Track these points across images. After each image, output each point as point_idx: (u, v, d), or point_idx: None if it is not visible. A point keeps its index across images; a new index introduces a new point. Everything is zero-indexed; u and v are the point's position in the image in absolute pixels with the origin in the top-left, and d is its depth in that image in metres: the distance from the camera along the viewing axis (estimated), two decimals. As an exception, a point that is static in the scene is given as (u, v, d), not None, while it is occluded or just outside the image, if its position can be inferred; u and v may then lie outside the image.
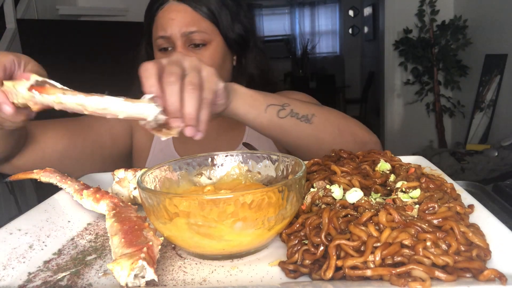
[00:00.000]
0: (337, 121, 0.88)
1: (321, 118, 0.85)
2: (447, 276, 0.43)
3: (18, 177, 0.78)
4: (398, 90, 4.54)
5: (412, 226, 0.49)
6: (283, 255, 0.54)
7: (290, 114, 0.81)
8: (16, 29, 2.80)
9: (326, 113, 0.87)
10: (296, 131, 0.83)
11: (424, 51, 4.14)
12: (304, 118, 0.83)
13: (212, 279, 0.50)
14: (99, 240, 0.63)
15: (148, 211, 0.54)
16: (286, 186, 0.52)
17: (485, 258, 0.47)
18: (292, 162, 0.62)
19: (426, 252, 0.45)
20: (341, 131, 0.87)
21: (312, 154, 0.81)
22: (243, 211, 0.50)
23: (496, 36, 3.52)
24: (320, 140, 0.85)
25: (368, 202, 0.55)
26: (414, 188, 0.57)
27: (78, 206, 0.71)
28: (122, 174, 0.76)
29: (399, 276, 0.44)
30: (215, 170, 0.68)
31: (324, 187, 0.60)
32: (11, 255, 0.56)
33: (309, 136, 0.84)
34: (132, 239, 0.51)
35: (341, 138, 0.86)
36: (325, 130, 0.85)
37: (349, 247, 0.47)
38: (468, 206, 0.59)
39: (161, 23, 1.00)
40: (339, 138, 0.86)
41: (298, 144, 0.85)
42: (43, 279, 0.52)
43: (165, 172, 0.63)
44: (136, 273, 0.46)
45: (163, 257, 0.56)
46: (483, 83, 3.67)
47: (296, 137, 0.84)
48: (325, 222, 0.51)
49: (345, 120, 0.90)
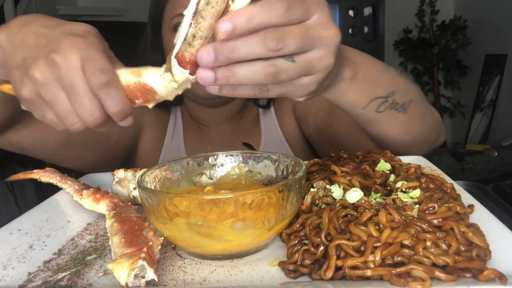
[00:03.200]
0: (423, 103, 0.79)
1: (415, 103, 0.76)
2: (447, 276, 0.43)
3: (18, 177, 0.78)
4: (398, 90, 4.53)
5: (412, 226, 0.49)
6: (283, 255, 0.54)
7: (390, 106, 0.72)
8: (16, 29, 2.80)
9: (418, 95, 0.78)
10: (389, 123, 0.75)
11: (424, 51, 4.14)
12: (402, 108, 0.74)
13: (212, 279, 0.50)
14: (99, 240, 0.63)
15: (148, 211, 0.54)
16: (286, 186, 0.52)
17: (485, 258, 0.47)
18: (292, 162, 0.62)
19: (426, 252, 0.45)
20: (426, 114, 0.80)
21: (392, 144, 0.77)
22: (243, 211, 0.50)
23: (496, 36, 3.52)
24: (408, 129, 0.77)
25: (368, 202, 0.55)
26: (414, 188, 0.57)
27: (78, 206, 0.71)
28: (122, 174, 0.76)
29: (399, 276, 0.44)
30: (215, 170, 0.68)
31: (324, 187, 0.60)
32: (11, 255, 0.56)
33: (399, 126, 0.76)
34: (132, 239, 0.51)
35: (425, 122, 0.80)
36: (415, 116, 0.77)
37: (349, 247, 0.47)
38: (468, 206, 0.59)
39: (179, 0, 0.96)
40: (424, 123, 0.79)
41: (384, 134, 0.77)
42: (43, 279, 0.52)
43: (165, 172, 0.63)
44: (136, 273, 0.46)
45: (163, 257, 0.56)
46: (483, 83, 3.67)
47: (386, 128, 0.76)
48: (325, 222, 0.51)
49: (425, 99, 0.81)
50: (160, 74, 0.48)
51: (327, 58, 0.49)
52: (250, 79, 0.46)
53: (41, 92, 0.49)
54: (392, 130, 0.76)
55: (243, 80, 0.45)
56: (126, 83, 0.49)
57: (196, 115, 1.12)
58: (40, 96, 0.50)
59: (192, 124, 1.14)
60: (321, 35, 0.47)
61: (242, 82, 0.46)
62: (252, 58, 0.44)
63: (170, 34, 0.97)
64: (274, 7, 0.43)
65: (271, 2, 0.43)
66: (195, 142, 1.12)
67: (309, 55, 0.48)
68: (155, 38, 1.04)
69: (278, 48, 0.44)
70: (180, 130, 1.12)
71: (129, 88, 0.49)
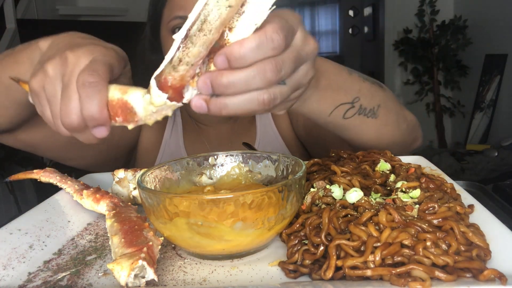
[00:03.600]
0: (394, 107, 0.80)
1: (385, 108, 0.76)
2: (447, 276, 0.43)
3: (18, 177, 0.78)
4: (398, 90, 4.54)
5: (412, 226, 0.49)
6: (283, 255, 0.54)
7: (358, 112, 0.72)
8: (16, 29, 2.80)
9: (387, 100, 0.78)
10: (359, 128, 0.76)
11: (424, 51, 4.14)
12: (371, 113, 0.74)
13: (212, 279, 0.50)
14: (99, 240, 0.63)
15: (148, 211, 0.54)
16: (286, 186, 0.52)
17: (485, 258, 0.47)
18: (292, 162, 0.62)
19: (426, 252, 0.45)
20: (398, 118, 0.80)
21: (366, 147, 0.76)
22: (243, 211, 0.50)
23: (496, 36, 3.52)
24: (381, 134, 0.78)
25: (368, 202, 0.55)
26: (414, 188, 0.57)
27: (78, 206, 0.71)
28: (122, 174, 0.76)
29: (399, 276, 0.44)
30: (215, 170, 0.68)
31: (324, 187, 0.60)
32: (11, 255, 0.56)
33: (370, 132, 0.77)
34: (132, 239, 0.51)
35: (398, 126, 0.80)
36: (387, 121, 0.77)
37: (349, 247, 0.47)
38: (468, 206, 0.59)
39: (178, 2, 0.96)
40: (397, 128, 0.79)
41: (357, 140, 0.78)
42: (43, 279, 0.52)
43: (165, 172, 0.63)
44: (136, 273, 0.46)
45: (163, 257, 0.56)
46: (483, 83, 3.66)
47: (356, 133, 0.76)
48: (325, 222, 0.51)
49: (397, 103, 0.82)
50: (143, 94, 0.47)
51: (310, 71, 0.50)
52: (243, 108, 0.46)
53: (45, 86, 0.50)
54: (364, 135, 0.77)
55: (237, 110, 0.46)
56: (110, 98, 0.48)
57: (195, 114, 1.15)
58: (43, 89, 0.51)
59: (191, 123, 1.16)
60: (306, 51, 0.48)
61: (236, 112, 0.46)
62: (249, 91, 0.45)
63: (168, 36, 0.97)
64: (271, 40, 0.43)
65: (268, 35, 0.43)
66: (193, 140, 1.14)
67: (297, 73, 0.48)
68: (154, 39, 1.04)
69: (277, 79, 0.45)
70: (179, 129, 1.14)
71: (112, 103, 0.48)
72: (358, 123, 0.74)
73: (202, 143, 1.14)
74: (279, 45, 0.43)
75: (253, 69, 0.43)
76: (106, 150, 0.99)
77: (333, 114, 0.70)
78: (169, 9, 0.98)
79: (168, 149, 1.12)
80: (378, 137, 0.78)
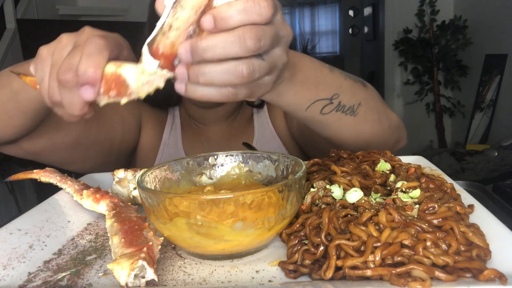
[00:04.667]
0: (376, 106, 0.79)
1: (365, 106, 0.76)
2: (447, 276, 0.43)
3: (18, 177, 0.78)
4: (398, 90, 4.55)
5: (412, 226, 0.49)
6: (283, 255, 0.54)
7: (336, 108, 0.72)
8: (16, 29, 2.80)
9: (369, 98, 0.78)
10: (337, 125, 0.75)
11: (424, 51, 4.14)
12: (350, 111, 0.74)
13: (212, 279, 0.50)
14: (99, 240, 0.63)
15: (148, 211, 0.54)
16: (286, 186, 0.52)
17: (485, 258, 0.47)
18: (292, 162, 0.62)
19: (426, 252, 0.45)
20: (380, 117, 0.79)
21: (346, 146, 0.76)
22: (243, 211, 0.50)
23: (496, 36, 3.52)
24: (360, 132, 0.78)
25: (368, 202, 0.55)
26: (414, 188, 0.57)
27: (78, 206, 0.71)
28: (122, 174, 0.76)
29: (399, 276, 0.44)
30: (215, 170, 0.68)
31: (324, 187, 0.60)
32: (11, 255, 0.56)
33: (349, 129, 0.76)
34: (132, 239, 0.51)
35: (380, 125, 0.79)
36: (367, 119, 0.77)
37: (349, 247, 0.47)
38: (468, 206, 0.59)
39: None
40: (378, 126, 0.79)
41: (335, 136, 0.78)
42: (43, 279, 0.52)
43: (165, 172, 0.63)
44: (136, 273, 0.46)
45: (163, 257, 0.56)
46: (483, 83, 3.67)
47: (333, 130, 0.76)
48: (325, 222, 0.51)
49: (381, 102, 0.81)
50: (136, 67, 0.47)
51: (284, 56, 0.51)
52: (221, 79, 0.45)
53: (55, 51, 0.51)
54: (342, 132, 0.76)
55: (214, 79, 0.45)
56: (105, 72, 0.48)
57: (193, 114, 1.16)
58: (52, 54, 0.52)
59: (190, 123, 1.17)
60: (283, 34, 0.49)
61: (213, 82, 0.46)
62: (228, 58, 0.44)
63: None
64: (258, 5, 0.44)
65: (256, 0, 0.44)
66: (192, 140, 1.15)
67: (274, 52, 0.49)
68: None
69: (256, 48, 0.45)
70: (178, 128, 1.15)
71: (106, 77, 0.48)
72: (335, 120, 0.73)
73: (200, 143, 1.15)
74: (266, 12, 0.44)
75: (233, 33, 0.44)
76: (108, 152, 1.00)
77: (310, 109, 0.69)
78: None
79: (167, 149, 1.13)
80: (357, 134, 0.77)
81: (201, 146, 1.14)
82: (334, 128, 0.75)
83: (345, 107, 0.73)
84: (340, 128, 0.75)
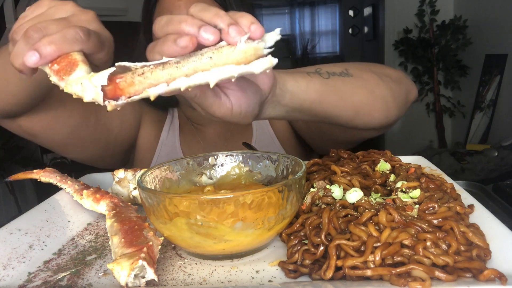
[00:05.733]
0: (372, 71, 0.78)
1: (355, 69, 0.75)
2: (447, 276, 0.43)
3: (18, 177, 0.78)
4: (398, 90, 4.53)
5: (412, 226, 0.49)
6: (283, 255, 0.54)
7: (331, 74, 0.71)
8: (16, 29, 2.79)
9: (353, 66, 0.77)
10: (348, 88, 0.72)
11: (424, 51, 4.14)
12: (344, 74, 0.73)
13: (212, 279, 0.50)
14: (99, 240, 0.63)
15: (148, 211, 0.54)
16: (286, 186, 0.52)
17: (485, 258, 0.47)
18: (292, 162, 0.62)
19: (426, 252, 0.45)
20: (381, 77, 0.78)
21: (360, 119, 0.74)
22: (243, 211, 0.50)
23: (496, 36, 3.51)
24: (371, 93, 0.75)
25: (368, 202, 0.55)
26: (414, 188, 0.57)
27: (78, 206, 0.71)
28: (122, 174, 0.76)
29: (399, 276, 0.44)
30: (215, 170, 0.68)
31: (324, 187, 0.60)
32: (11, 255, 0.56)
33: (361, 89, 0.74)
34: (132, 239, 0.51)
35: (384, 82, 0.77)
36: (366, 80, 0.75)
37: (349, 247, 0.47)
38: (468, 206, 0.59)
39: (166, 7, 0.97)
40: (383, 85, 0.77)
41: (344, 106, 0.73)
42: (43, 279, 0.52)
43: (165, 172, 0.63)
44: (136, 273, 0.46)
45: (163, 257, 0.56)
46: (483, 83, 3.66)
47: (351, 94, 0.73)
48: (325, 222, 0.51)
49: (374, 66, 0.80)
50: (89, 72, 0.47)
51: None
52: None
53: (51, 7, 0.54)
54: (358, 95, 0.74)
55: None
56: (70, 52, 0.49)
57: (190, 114, 1.16)
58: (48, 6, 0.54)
59: (188, 123, 1.17)
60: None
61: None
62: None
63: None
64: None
65: None
66: (190, 140, 1.16)
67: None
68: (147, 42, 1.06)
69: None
70: (176, 128, 1.16)
71: (65, 55, 0.48)
72: (340, 83, 0.72)
73: (198, 143, 1.15)
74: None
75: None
76: (104, 145, 1.01)
77: (312, 76, 0.69)
78: (158, 13, 1.01)
79: (164, 149, 1.14)
80: (367, 97, 0.75)
81: (199, 147, 1.14)
82: (350, 93, 0.73)
83: (335, 73, 0.72)
84: (354, 90, 0.73)
